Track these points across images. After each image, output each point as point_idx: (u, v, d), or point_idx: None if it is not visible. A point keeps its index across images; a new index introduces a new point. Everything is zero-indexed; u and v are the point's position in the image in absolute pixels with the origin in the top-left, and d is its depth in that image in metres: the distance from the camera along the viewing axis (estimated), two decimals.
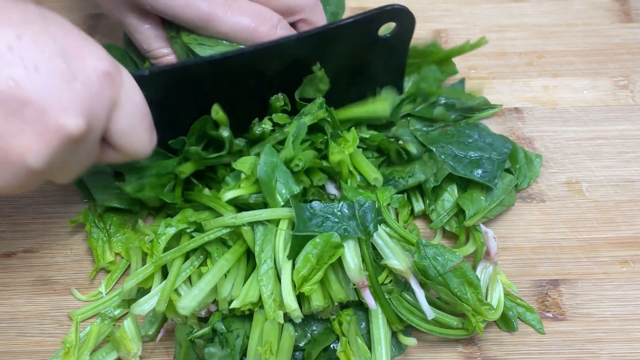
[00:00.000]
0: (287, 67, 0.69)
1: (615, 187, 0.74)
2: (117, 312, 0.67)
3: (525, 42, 0.85)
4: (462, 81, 0.80)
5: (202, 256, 0.66)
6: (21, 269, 0.71)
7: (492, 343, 0.65)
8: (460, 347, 0.65)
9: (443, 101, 0.76)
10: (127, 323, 0.64)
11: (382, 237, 0.64)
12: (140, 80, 0.58)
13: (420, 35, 0.87)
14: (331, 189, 0.71)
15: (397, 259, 0.63)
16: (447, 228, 0.70)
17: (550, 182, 0.75)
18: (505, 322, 0.65)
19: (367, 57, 0.73)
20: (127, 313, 0.67)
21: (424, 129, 0.74)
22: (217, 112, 0.66)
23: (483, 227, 0.66)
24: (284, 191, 0.65)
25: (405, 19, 0.70)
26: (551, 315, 0.66)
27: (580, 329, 0.65)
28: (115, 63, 0.54)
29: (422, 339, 0.65)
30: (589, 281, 0.68)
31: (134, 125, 0.57)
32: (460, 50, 0.75)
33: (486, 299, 0.62)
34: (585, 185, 0.74)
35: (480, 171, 0.70)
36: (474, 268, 0.65)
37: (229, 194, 0.66)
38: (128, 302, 0.67)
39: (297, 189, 0.65)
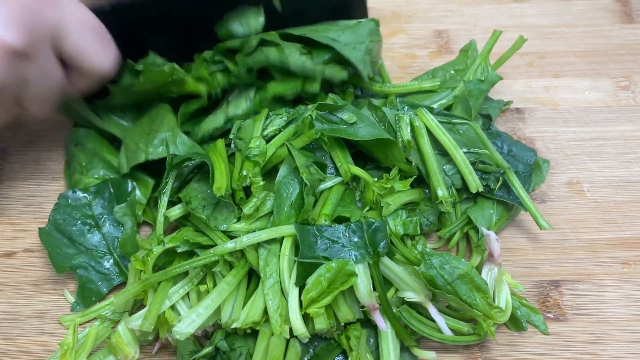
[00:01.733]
0: None
1: (616, 188, 0.74)
2: (115, 315, 0.66)
3: (527, 42, 0.85)
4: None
5: (201, 273, 0.64)
6: (22, 269, 0.70)
7: (493, 344, 0.65)
8: (461, 349, 0.65)
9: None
10: (121, 328, 0.63)
11: (393, 270, 0.62)
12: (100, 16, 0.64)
13: (422, 35, 0.87)
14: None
15: (412, 291, 0.62)
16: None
17: (552, 182, 0.75)
18: (514, 323, 0.65)
19: None
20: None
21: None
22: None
23: (485, 230, 0.65)
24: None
25: None
26: (552, 316, 0.66)
27: (581, 329, 0.65)
28: None
29: (422, 340, 0.64)
30: (590, 282, 0.68)
31: (86, 41, 0.62)
32: (506, 57, 0.75)
33: (494, 301, 0.62)
34: (586, 186, 0.74)
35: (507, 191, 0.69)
36: (478, 270, 0.65)
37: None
38: (124, 306, 0.66)
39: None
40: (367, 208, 0.66)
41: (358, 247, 0.61)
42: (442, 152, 0.68)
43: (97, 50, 0.64)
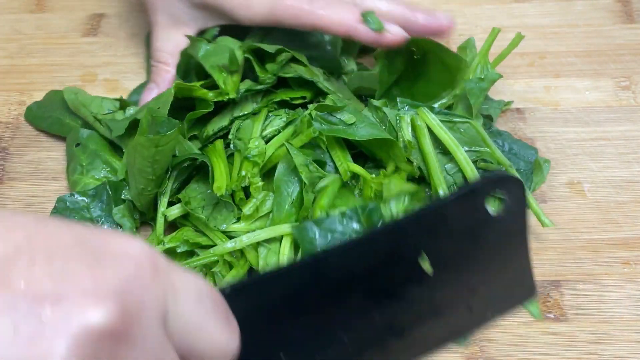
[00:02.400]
0: (377, 264, 0.54)
1: (616, 188, 0.74)
2: None
3: (527, 42, 0.85)
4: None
5: (201, 273, 0.64)
6: None
7: (494, 344, 0.65)
8: (462, 348, 0.65)
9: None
10: None
11: None
12: None
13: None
14: None
15: None
16: None
17: (552, 182, 0.75)
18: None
19: (480, 253, 0.57)
20: None
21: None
22: None
23: None
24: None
25: (512, 189, 0.54)
26: (553, 316, 0.66)
27: (582, 329, 0.65)
28: (153, 248, 0.42)
29: None
30: (590, 282, 0.68)
31: (204, 313, 0.43)
32: (504, 55, 0.75)
33: None
34: (587, 186, 0.74)
35: None
36: None
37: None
38: None
39: None
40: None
41: (358, 233, 0.61)
42: (443, 151, 0.68)
43: (218, 324, 0.44)
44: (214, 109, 0.72)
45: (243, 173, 0.64)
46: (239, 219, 0.66)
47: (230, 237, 0.64)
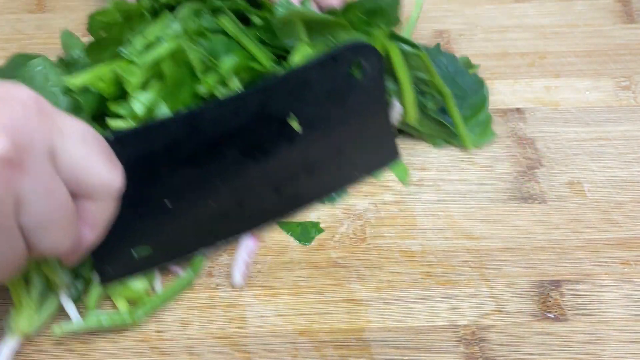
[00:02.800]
0: (256, 123, 0.62)
1: (617, 188, 0.74)
2: None
3: (527, 42, 0.85)
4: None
5: None
6: None
7: (494, 344, 0.65)
8: (462, 348, 0.65)
9: None
10: None
11: None
12: None
13: (423, 35, 0.87)
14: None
15: None
16: None
17: (552, 182, 0.75)
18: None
19: (345, 114, 0.65)
20: None
21: None
22: None
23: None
24: None
25: (370, 57, 0.63)
26: (553, 316, 0.66)
27: (582, 329, 0.65)
28: (35, 93, 0.48)
29: (422, 340, 0.65)
30: (590, 282, 0.68)
31: (89, 151, 0.49)
32: (413, 19, 0.76)
33: None
34: (587, 186, 0.74)
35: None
36: None
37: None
38: None
39: None
40: None
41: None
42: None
43: (102, 162, 0.50)
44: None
45: (117, 70, 0.62)
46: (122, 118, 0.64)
47: None
